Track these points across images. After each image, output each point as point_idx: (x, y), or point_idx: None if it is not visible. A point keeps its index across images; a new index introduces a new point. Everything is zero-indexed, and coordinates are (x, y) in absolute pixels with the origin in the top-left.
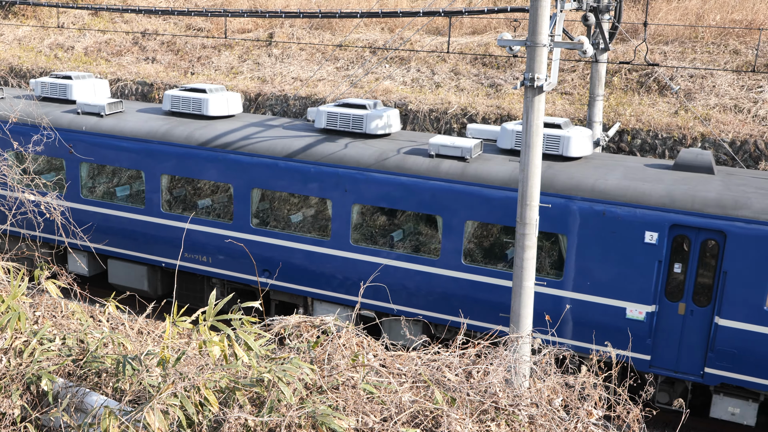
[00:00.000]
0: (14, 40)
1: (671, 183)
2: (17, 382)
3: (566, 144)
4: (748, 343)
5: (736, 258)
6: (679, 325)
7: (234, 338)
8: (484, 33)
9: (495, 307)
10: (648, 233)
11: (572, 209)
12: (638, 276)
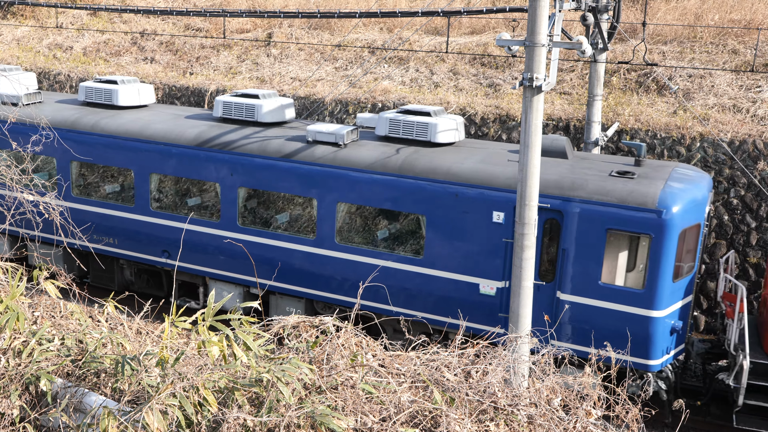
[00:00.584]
0: (13, 40)
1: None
2: (16, 382)
3: (433, 131)
4: (587, 316)
5: (573, 236)
6: None
7: (233, 338)
8: (483, 33)
9: (363, 281)
10: (495, 213)
11: (429, 191)
12: (489, 254)
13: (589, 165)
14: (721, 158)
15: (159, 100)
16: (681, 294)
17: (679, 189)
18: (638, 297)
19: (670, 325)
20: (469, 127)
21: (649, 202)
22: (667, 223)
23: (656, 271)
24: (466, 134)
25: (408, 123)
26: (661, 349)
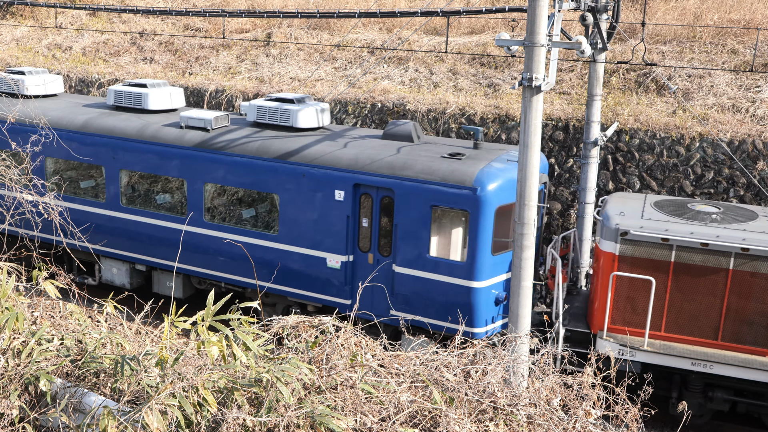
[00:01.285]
0: (12, 40)
1: (368, 149)
2: (15, 382)
3: (294, 117)
4: (419, 287)
5: (403, 212)
6: (370, 272)
7: (232, 338)
8: (482, 33)
9: (232, 258)
10: (337, 192)
11: (281, 172)
12: (333, 230)
13: (429, 148)
14: (720, 158)
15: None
16: (505, 267)
17: (498, 169)
18: (460, 269)
19: (493, 295)
20: None
21: (466, 180)
22: (481, 200)
23: (474, 244)
24: (466, 133)
25: (273, 110)
26: (484, 318)
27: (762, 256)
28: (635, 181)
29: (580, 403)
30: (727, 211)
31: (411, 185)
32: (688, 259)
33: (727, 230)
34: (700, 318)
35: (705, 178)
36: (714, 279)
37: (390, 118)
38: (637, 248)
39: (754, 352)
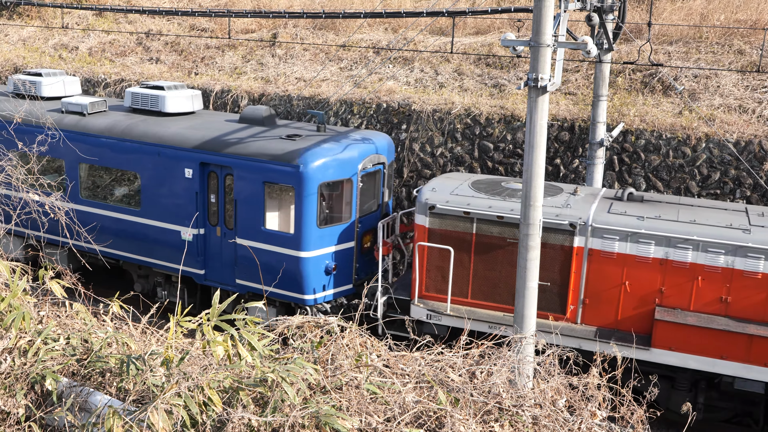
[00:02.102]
0: (19, 40)
1: (218, 132)
2: (21, 381)
3: (163, 102)
4: (257, 257)
5: (241, 188)
6: (219, 245)
7: (238, 338)
8: (488, 33)
9: (106, 232)
10: (187, 170)
11: (142, 152)
12: (185, 205)
13: (276, 131)
14: (726, 159)
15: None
16: (333, 239)
17: (324, 149)
18: (290, 240)
19: (322, 265)
20: (474, 128)
21: (292, 158)
22: (304, 177)
23: (300, 217)
24: (472, 134)
25: (144, 96)
26: (313, 287)
27: (550, 228)
28: (641, 181)
29: (585, 404)
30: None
31: (247, 164)
32: (487, 231)
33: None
34: (500, 285)
35: (711, 179)
36: (510, 249)
37: (395, 118)
38: (444, 221)
39: (548, 317)
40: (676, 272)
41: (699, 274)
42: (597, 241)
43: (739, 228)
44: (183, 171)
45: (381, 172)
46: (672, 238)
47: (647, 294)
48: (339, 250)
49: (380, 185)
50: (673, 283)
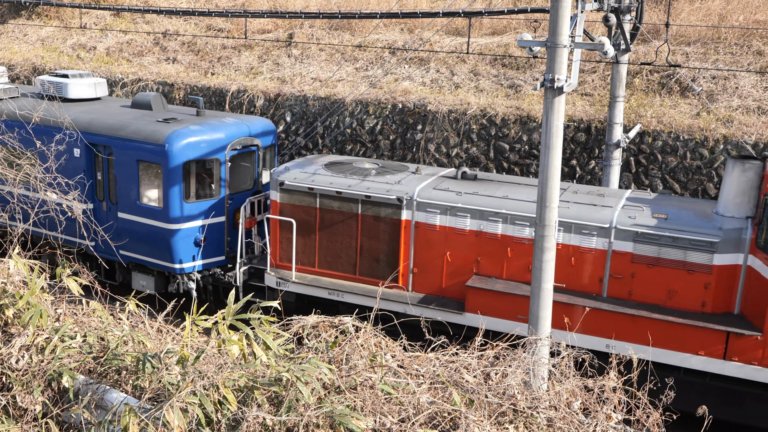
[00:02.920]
0: (37, 40)
1: (107, 115)
2: (39, 378)
3: (66, 89)
4: (135, 229)
5: (120, 166)
6: (105, 218)
7: (253, 337)
8: (504, 34)
9: None
10: (76, 150)
11: (39, 133)
12: (77, 182)
13: (158, 115)
14: None
15: (180, 100)
16: (202, 214)
17: (191, 130)
18: (160, 213)
19: (191, 237)
20: (489, 128)
21: (159, 139)
22: (169, 155)
23: (167, 192)
24: (488, 135)
25: (51, 83)
26: (181, 257)
27: (381, 202)
28: (658, 183)
29: (601, 406)
30: (386, 167)
31: (124, 144)
32: (329, 205)
33: (359, 181)
34: (342, 256)
35: None
36: (349, 222)
37: (411, 118)
38: (292, 196)
39: (381, 284)
40: (490, 243)
41: (509, 245)
42: (421, 214)
43: None
44: (73, 151)
45: (255, 153)
46: (484, 212)
47: (465, 263)
48: (209, 224)
49: (255, 165)
50: (487, 253)
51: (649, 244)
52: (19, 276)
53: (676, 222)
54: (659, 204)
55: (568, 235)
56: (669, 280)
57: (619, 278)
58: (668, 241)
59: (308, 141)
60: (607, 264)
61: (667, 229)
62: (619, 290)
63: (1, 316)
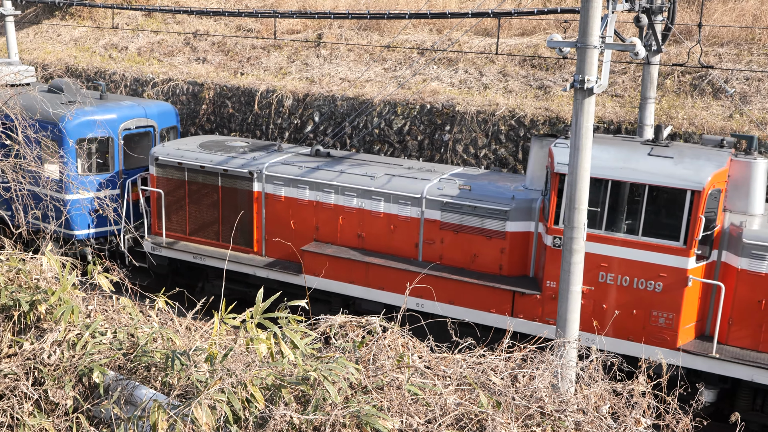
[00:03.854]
0: (71, 40)
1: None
2: (70, 373)
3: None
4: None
5: (28, 143)
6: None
7: (280, 336)
8: (534, 34)
9: None
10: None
11: None
12: None
13: (65, 97)
14: None
15: (211, 100)
16: (94, 186)
17: (84, 111)
18: (59, 185)
19: (85, 207)
20: (518, 129)
21: (56, 118)
22: (63, 133)
23: (65, 166)
24: (516, 136)
25: None
26: (77, 225)
27: (236, 176)
28: None
29: (629, 411)
30: (254, 145)
31: (31, 124)
32: (195, 178)
33: (222, 157)
34: (207, 224)
35: None
36: (212, 194)
37: (439, 119)
38: (165, 171)
39: (241, 250)
40: (325, 212)
41: (341, 214)
42: (270, 186)
43: (369, 176)
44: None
45: (151, 134)
46: (320, 184)
47: (307, 230)
48: (103, 195)
49: (152, 144)
50: (324, 221)
51: (453, 212)
52: (51, 272)
53: (476, 193)
54: (476, 179)
55: (388, 205)
56: (472, 245)
57: (431, 244)
58: (469, 210)
59: (336, 141)
60: (421, 231)
61: (468, 199)
62: (431, 254)
63: (34, 311)
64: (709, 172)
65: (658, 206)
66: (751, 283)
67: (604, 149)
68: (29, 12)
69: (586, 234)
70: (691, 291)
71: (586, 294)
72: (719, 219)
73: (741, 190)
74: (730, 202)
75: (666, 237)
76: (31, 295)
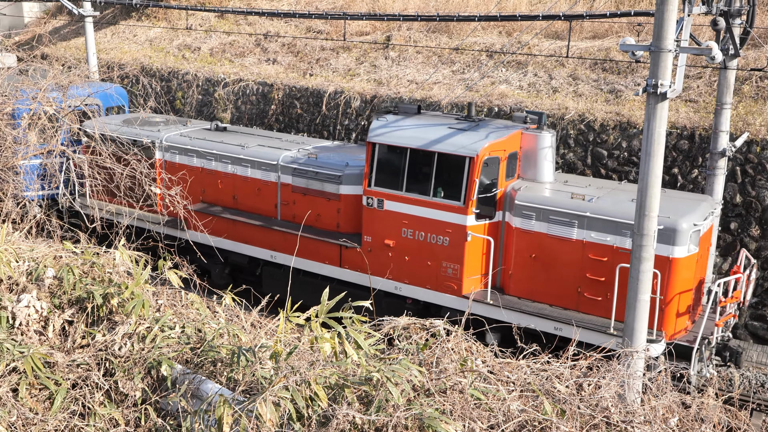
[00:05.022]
0: (146, 40)
1: None
2: (139, 365)
3: None
4: None
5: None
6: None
7: (345, 336)
8: (606, 37)
9: None
10: None
11: None
12: None
13: None
14: None
15: (280, 101)
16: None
17: None
18: None
19: (34, 173)
20: (587, 134)
21: None
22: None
23: (17, 139)
24: (585, 140)
25: None
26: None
27: (142, 146)
28: (765, 195)
29: (699, 424)
30: (173, 121)
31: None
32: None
33: (136, 130)
34: (131, 189)
35: None
36: (128, 161)
37: None
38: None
39: (151, 211)
40: (209, 177)
41: (219, 178)
42: (168, 155)
43: (241, 145)
44: None
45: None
46: (204, 153)
47: (196, 193)
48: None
49: None
50: (208, 184)
51: (301, 177)
52: (123, 266)
53: (320, 161)
54: (330, 150)
55: (254, 171)
56: (316, 206)
57: (286, 204)
58: (312, 175)
59: None
60: (278, 193)
61: (312, 166)
62: (287, 214)
63: (107, 304)
64: (485, 142)
65: (444, 171)
66: (524, 239)
67: (412, 121)
68: (107, 13)
69: None
70: (472, 245)
71: (392, 247)
72: (501, 183)
73: (531, 159)
74: (523, 171)
75: (450, 198)
76: (104, 288)
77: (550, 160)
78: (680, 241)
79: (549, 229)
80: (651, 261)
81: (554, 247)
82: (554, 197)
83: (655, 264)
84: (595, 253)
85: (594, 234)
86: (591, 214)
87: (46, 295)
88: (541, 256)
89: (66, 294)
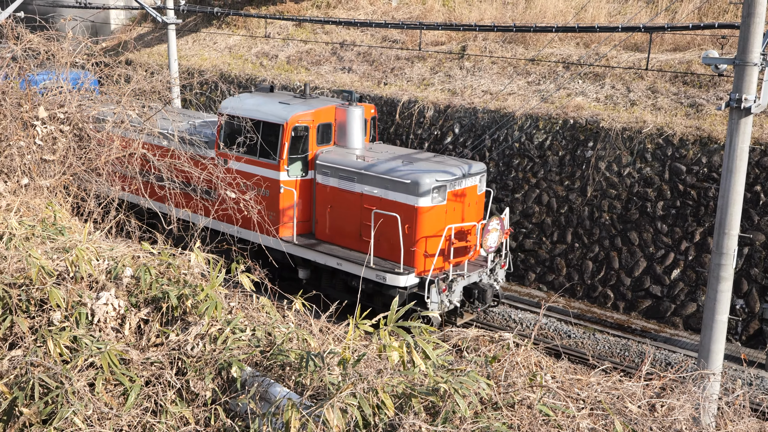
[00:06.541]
0: (225, 48)
1: None
2: (210, 366)
3: None
4: None
5: None
6: None
7: (413, 345)
8: (687, 50)
9: None
10: None
11: None
12: None
13: None
14: None
15: None
16: None
17: None
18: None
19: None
20: (666, 148)
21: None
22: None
23: None
24: (663, 155)
25: None
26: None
27: None
28: None
29: None
30: None
31: None
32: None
33: None
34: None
35: None
36: None
37: (582, 135)
38: None
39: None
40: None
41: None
42: None
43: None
44: None
45: None
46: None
47: None
48: None
49: None
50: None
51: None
52: (198, 268)
53: (199, 129)
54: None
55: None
56: None
57: None
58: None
59: (475, 153)
60: None
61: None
62: None
63: (181, 305)
64: (294, 113)
65: (266, 135)
66: (323, 193)
67: (258, 99)
68: (189, 21)
69: None
70: (285, 196)
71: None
72: (313, 147)
73: (344, 129)
74: (338, 138)
75: (270, 158)
76: (179, 289)
77: (360, 130)
78: (424, 193)
79: (339, 183)
80: (730, 281)
81: (343, 198)
82: (344, 159)
83: (404, 212)
84: (368, 203)
85: (367, 188)
86: (365, 171)
87: (124, 293)
88: (335, 206)
89: (142, 293)
